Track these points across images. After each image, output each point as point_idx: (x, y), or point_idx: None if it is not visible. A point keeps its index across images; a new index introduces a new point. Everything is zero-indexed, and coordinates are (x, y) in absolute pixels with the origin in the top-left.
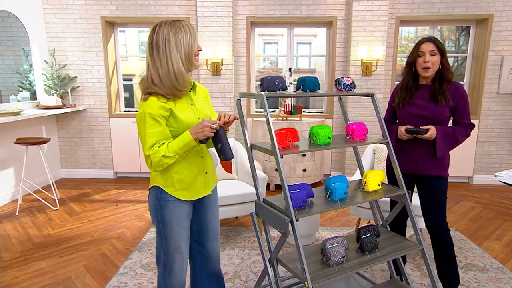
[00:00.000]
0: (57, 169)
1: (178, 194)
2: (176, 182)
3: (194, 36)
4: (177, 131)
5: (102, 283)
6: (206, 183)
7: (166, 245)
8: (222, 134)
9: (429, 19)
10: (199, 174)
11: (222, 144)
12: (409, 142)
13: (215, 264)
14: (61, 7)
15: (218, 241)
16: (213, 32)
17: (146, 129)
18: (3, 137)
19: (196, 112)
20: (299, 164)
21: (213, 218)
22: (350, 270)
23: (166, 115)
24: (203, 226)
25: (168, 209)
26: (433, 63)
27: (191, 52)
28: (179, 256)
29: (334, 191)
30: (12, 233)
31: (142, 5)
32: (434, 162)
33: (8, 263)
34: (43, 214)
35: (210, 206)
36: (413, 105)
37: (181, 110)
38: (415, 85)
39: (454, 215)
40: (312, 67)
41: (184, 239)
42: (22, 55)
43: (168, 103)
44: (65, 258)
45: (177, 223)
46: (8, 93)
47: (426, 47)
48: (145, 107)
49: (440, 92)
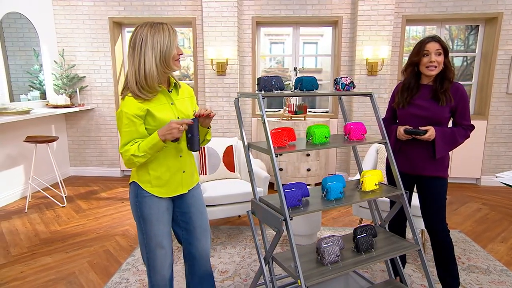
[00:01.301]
0: (66, 167)
1: (154, 191)
2: (153, 179)
3: (173, 40)
4: (155, 129)
5: (105, 279)
6: (184, 182)
7: (147, 241)
8: (195, 126)
9: (437, 18)
10: (176, 172)
11: (192, 135)
12: (408, 143)
13: (204, 264)
14: (71, 8)
15: (208, 239)
16: (218, 32)
17: (121, 128)
18: (13, 136)
19: (176, 112)
20: (303, 164)
21: (199, 215)
22: (344, 269)
23: (142, 114)
24: (189, 222)
25: (146, 205)
26: (439, 63)
27: (168, 55)
28: (161, 251)
29: (330, 190)
30: (21, 229)
31: (149, 5)
32: (434, 162)
33: (15, 257)
34: (51, 211)
35: (193, 202)
36: (413, 106)
37: (159, 110)
38: (417, 85)
39: (459, 217)
40: (318, 66)
41: (165, 234)
42: (33, 55)
43: (145, 103)
44: (70, 254)
45: (156, 218)
46: (19, 93)
47: (432, 47)
48: (122, 106)
49: (442, 92)
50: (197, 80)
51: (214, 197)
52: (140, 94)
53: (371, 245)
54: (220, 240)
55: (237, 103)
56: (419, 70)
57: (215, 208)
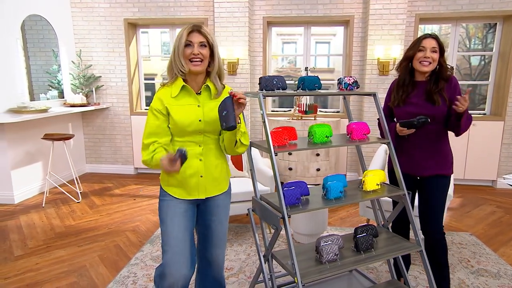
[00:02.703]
0: (82, 164)
1: (170, 190)
2: (170, 178)
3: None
4: (173, 128)
5: (114, 273)
6: (200, 187)
7: (162, 241)
8: (230, 103)
9: (451, 16)
10: (193, 176)
11: (227, 112)
12: (410, 142)
13: (217, 270)
14: (88, 10)
15: (223, 249)
16: (229, 32)
17: (147, 120)
18: (32, 133)
19: (200, 114)
20: (313, 163)
21: (218, 225)
22: (342, 268)
23: (163, 110)
24: (208, 229)
25: (164, 205)
26: (433, 60)
27: (179, 53)
28: (170, 254)
29: (329, 189)
30: (38, 222)
31: (162, 6)
32: (437, 160)
33: (32, 250)
34: (66, 206)
35: (216, 211)
36: (410, 104)
37: (178, 111)
38: (411, 82)
39: (471, 219)
40: (331, 66)
41: (179, 237)
42: (52, 56)
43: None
44: (82, 248)
45: (170, 219)
46: (39, 92)
47: (429, 43)
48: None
49: (436, 91)
50: None
51: None
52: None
53: (371, 244)
54: (227, 238)
55: None
56: (413, 67)
57: None
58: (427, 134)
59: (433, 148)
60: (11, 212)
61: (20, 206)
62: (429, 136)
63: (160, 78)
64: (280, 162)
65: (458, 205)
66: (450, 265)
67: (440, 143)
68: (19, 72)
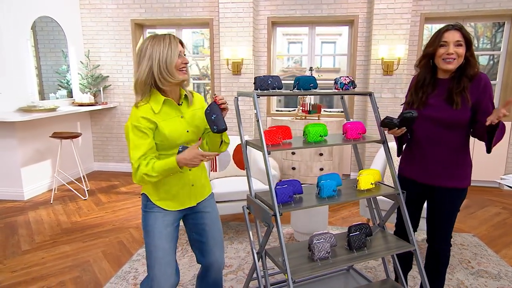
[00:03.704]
0: (90, 162)
1: (161, 204)
2: (161, 192)
3: (174, 49)
4: (161, 143)
5: (116, 268)
6: (192, 195)
7: (147, 254)
8: (217, 108)
9: (458, 15)
10: (185, 186)
11: (216, 115)
12: (423, 149)
13: (215, 274)
14: (96, 11)
15: (221, 250)
16: (234, 33)
17: (133, 140)
18: (42, 132)
19: (186, 125)
20: (316, 163)
21: (212, 226)
22: (334, 266)
23: (152, 127)
24: (202, 234)
25: (151, 217)
26: (458, 55)
27: (169, 64)
28: (158, 267)
29: (322, 188)
30: (45, 218)
31: (169, 7)
32: (453, 171)
33: (38, 245)
34: (73, 203)
35: (206, 214)
36: (429, 106)
37: (167, 125)
38: (432, 81)
39: (475, 221)
40: (336, 66)
41: (166, 249)
42: (62, 56)
43: (155, 117)
44: (86, 244)
45: (158, 231)
46: (49, 91)
47: (452, 37)
48: (132, 119)
49: (457, 92)
50: (214, 80)
51: (223, 193)
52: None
53: (363, 243)
54: (228, 236)
55: (237, 102)
56: (434, 64)
57: (224, 204)
58: (444, 142)
59: (450, 158)
60: (20, 208)
61: (29, 203)
62: (446, 145)
63: None
64: (283, 161)
65: (463, 206)
66: (449, 265)
67: (459, 153)
68: (29, 72)
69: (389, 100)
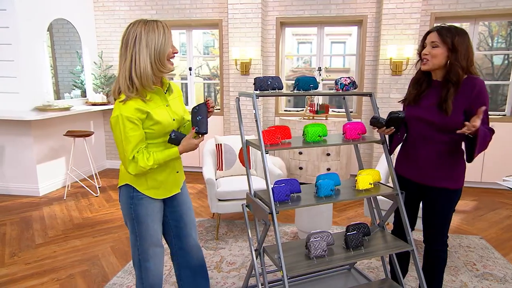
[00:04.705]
0: (102, 160)
1: (150, 193)
2: (149, 181)
3: (168, 38)
4: (152, 132)
5: (123, 263)
6: (177, 182)
7: (141, 243)
8: (204, 109)
9: (469, 14)
10: (171, 173)
11: (202, 117)
12: (417, 150)
13: (197, 255)
14: (109, 13)
15: (196, 232)
16: (242, 33)
17: (126, 132)
18: (56, 130)
19: (171, 113)
20: (323, 163)
21: (188, 211)
22: (330, 264)
23: (143, 117)
24: (180, 220)
25: (142, 207)
26: (432, 56)
27: (162, 54)
28: (156, 249)
29: (320, 187)
30: (59, 214)
31: (179, 8)
32: (446, 172)
33: (51, 239)
34: (85, 199)
35: (183, 199)
36: (421, 107)
37: (157, 113)
38: (427, 80)
39: (484, 223)
40: (346, 66)
41: (159, 234)
42: (76, 57)
43: (145, 106)
44: (96, 239)
45: (151, 219)
46: (64, 91)
47: (429, 38)
48: (122, 110)
49: (445, 99)
50: (223, 80)
51: (227, 191)
52: (129, 93)
53: (360, 242)
54: (233, 234)
55: (238, 102)
56: None
57: (229, 203)
58: (437, 142)
59: (442, 159)
60: (36, 204)
61: (44, 198)
62: (439, 145)
63: (179, 78)
64: (290, 161)
65: (472, 208)
66: (454, 267)
67: (452, 154)
68: (45, 73)
69: (397, 100)
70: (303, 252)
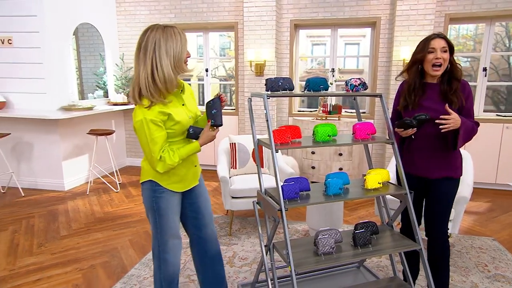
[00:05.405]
0: (123, 157)
1: (172, 187)
2: (172, 176)
3: (185, 44)
4: (173, 132)
5: (141, 256)
6: (195, 175)
7: (162, 235)
8: (219, 103)
9: (485, 15)
10: (190, 167)
11: (216, 111)
12: (419, 143)
13: (214, 244)
14: (131, 17)
15: (213, 223)
16: (257, 36)
17: (151, 134)
18: (80, 129)
19: (187, 112)
20: (335, 163)
21: (206, 203)
22: (337, 261)
23: (165, 119)
24: (198, 211)
25: (164, 200)
26: (444, 60)
27: (180, 59)
28: (175, 241)
29: (329, 186)
30: (82, 208)
31: (197, 12)
32: (444, 162)
33: (75, 231)
34: (106, 195)
35: (201, 191)
36: (422, 108)
37: (176, 113)
38: (421, 84)
39: (497, 225)
40: (360, 67)
41: (178, 226)
42: (99, 59)
43: (166, 108)
44: (116, 232)
45: (172, 211)
46: (88, 92)
47: (438, 44)
48: (146, 114)
49: (452, 93)
50: (238, 80)
51: (241, 189)
52: (152, 98)
53: (368, 240)
54: (246, 230)
55: (250, 102)
56: (423, 69)
57: (242, 200)
58: (438, 137)
59: (444, 151)
60: (61, 198)
61: (69, 193)
62: (440, 141)
63: (196, 79)
64: (303, 160)
65: (485, 209)
66: (465, 268)
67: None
68: (70, 74)
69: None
70: (312, 248)
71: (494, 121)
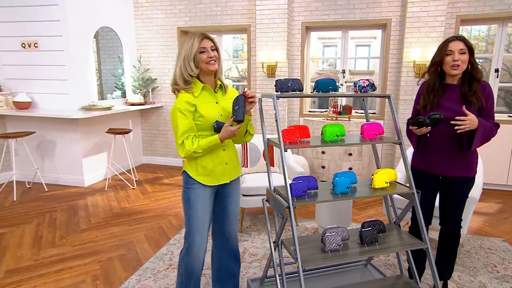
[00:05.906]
0: (139, 155)
1: (200, 179)
2: (199, 168)
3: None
4: (201, 124)
5: (155, 250)
6: (225, 172)
7: (189, 225)
8: (242, 100)
9: (497, 16)
10: (220, 164)
11: (238, 107)
12: (436, 142)
13: (233, 242)
14: (148, 20)
15: (237, 224)
16: (269, 38)
17: (176, 120)
18: (99, 128)
19: (220, 109)
20: (345, 162)
21: (234, 204)
22: (344, 258)
23: (192, 109)
24: (225, 209)
25: (193, 191)
26: (462, 61)
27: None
28: (201, 235)
29: (336, 185)
30: (100, 203)
31: (211, 15)
32: (461, 161)
33: (93, 225)
34: (123, 191)
35: (232, 193)
36: (441, 108)
37: (205, 107)
38: (442, 85)
39: (508, 226)
40: (370, 68)
41: (205, 219)
42: (118, 61)
43: (194, 100)
44: (132, 227)
45: (200, 204)
46: (107, 92)
47: (456, 46)
48: (177, 103)
49: (472, 94)
50: (250, 82)
51: (251, 187)
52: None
53: (375, 238)
54: (256, 227)
55: (260, 103)
56: (443, 70)
57: (253, 198)
58: (455, 137)
59: (460, 151)
60: (81, 193)
61: (88, 189)
62: (457, 139)
63: None
64: (313, 160)
65: (496, 210)
66: (473, 268)
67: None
68: (90, 76)
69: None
70: (319, 245)
71: (506, 122)
